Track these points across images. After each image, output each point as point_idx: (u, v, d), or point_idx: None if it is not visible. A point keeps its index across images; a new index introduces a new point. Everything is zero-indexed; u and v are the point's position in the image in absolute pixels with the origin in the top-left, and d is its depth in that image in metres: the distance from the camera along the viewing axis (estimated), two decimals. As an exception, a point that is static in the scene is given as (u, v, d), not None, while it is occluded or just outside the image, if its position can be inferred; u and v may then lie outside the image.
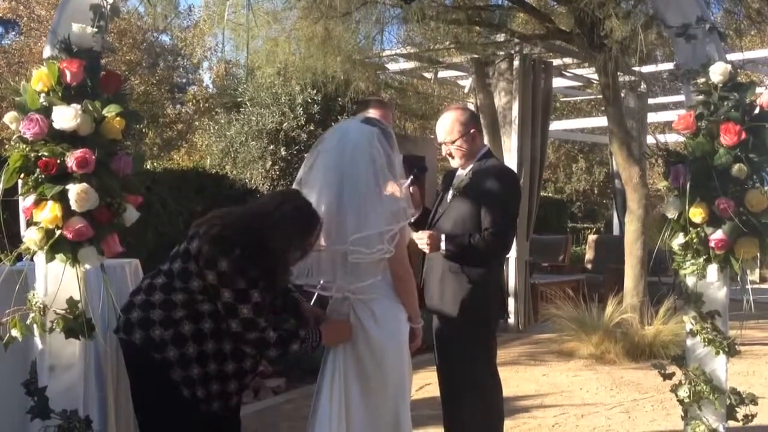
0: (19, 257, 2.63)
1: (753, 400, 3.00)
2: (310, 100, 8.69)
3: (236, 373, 2.64)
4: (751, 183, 2.87)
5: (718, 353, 2.96)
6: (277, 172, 8.76)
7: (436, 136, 3.59)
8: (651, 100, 10.91)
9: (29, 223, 2.59)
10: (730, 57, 3.18)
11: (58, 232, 2.53)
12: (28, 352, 2.83)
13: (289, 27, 7.88)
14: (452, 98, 13.14)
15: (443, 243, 3.37)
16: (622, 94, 9.16)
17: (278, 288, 2.74)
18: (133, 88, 14.90)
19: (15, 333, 2.60)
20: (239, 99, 9.43)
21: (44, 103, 2.59)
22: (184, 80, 21.38)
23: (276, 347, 2.61)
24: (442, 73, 10.18)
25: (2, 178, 2.52)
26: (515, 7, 8.07)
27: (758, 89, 2.88)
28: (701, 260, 2.92)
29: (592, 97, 13.24)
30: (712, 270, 2.95)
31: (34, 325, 2.65)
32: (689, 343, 3.05)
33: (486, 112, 8.56)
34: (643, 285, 7.46)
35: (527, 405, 5.26)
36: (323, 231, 2.75)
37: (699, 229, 2.89)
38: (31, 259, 2.67)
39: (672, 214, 2.94)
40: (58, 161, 2.52)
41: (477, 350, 3.42)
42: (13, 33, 19.44)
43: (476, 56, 8.68)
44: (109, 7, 2.76)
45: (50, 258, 2.59)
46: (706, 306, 2.97)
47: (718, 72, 2.88)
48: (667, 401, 5.05)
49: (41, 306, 2.65)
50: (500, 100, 8.59)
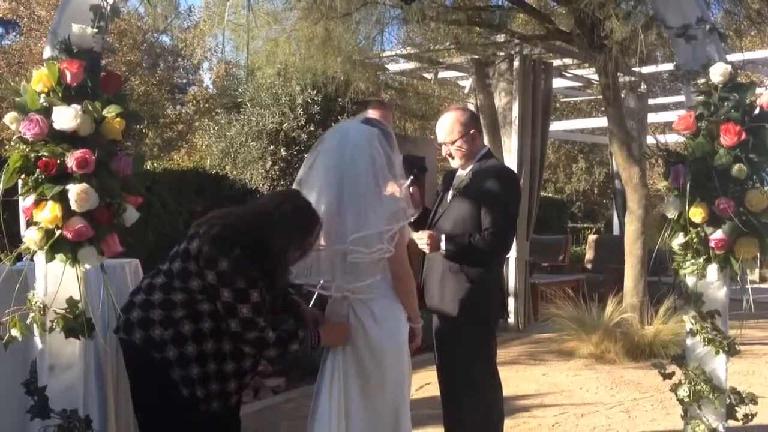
0: (19, 257, 2.63)
1: (753, 399, 3.01)
2: (310, 101, 8.68)
3: (235, 373, 2.65)
4: (751, 183, 2.87)
5: (717, 353, 2.96)
6: (277, 173, 8.75)
7: (436, 136, 3.59)
8: (651, 101, 10.91)
9: (29, 223, 2.59)
10: (730, 57, 3.18)
11: (58, 232, 2.54)
12: (28, 352, 2.83)
13: (289, 27, 7.87)
14: (452, 99, 13.16)
15: (443, 243, 3.37)
16: (623, 95, 9.16)
17: (278, 288, 2.74)
18: (133, 89, 14.87)
19: (15, 333, 2.61)
20: (239, 99, 9.42)
21: (44, 104, 2.59)
22: (184, 81, 21.37)
23: (275, 347, 2.62)
24: (443, 74, 10.18)
25: (2, 178, 2.52)
26: (515, 7, 8.06)
27: (758, 90, 2.88)
28: (701, 260, 2.93)
29: (592, 98, 13.24)
30: (712, 270, 2.95)
31: (34, 325, 2.65)
32: (689, 342, 3.05)
33: (486, 113, 8.56)
34: (643, 285, 7.46)
35: (527, 405, 5.26)
36: (323, 231, 2.76)
37: (699, 229, 2.89)
38: (31, 259, 2.67)
39: (672, 214, 2.94)
40: (58, 161, 2.52)
41: (477, 350, 3.42)
42: (13, 33, 19.43)
43: (476, 57, 8.68)
44: (109, 7, 2.76)
45: (50, 258, 2.59)
46: (706, 306, 2.97)
47: (718, 72, 2.88)
48: (667, 401, 5.05)
49: (41, 306, 2.65)
50: (500, 101, 8.59)
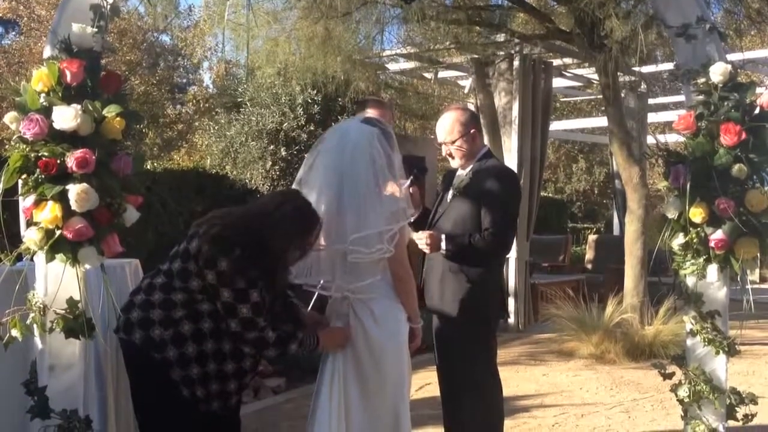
0: (19, 257, 2.63)
1: (753, 399, 3.01)
2: (310, 101, 8.68)
3: (235, 373, 2.65)
4: (751, 183, 2.87)
5: (718, 353, 2.96)
6: (277, 172, 8.75)
7: (436, 136, 3.59)
8: (651, 101, 10.90)
9: (29, 223, 2.59)
10: (730, 57, 3.18)
11: (58, 232, 2.54)
12: (28, 352, 2.83)
13: (289, 27, 7.87)
14: (452, 98, 13.13)
15: (443, 243, 3.37)
16: (622, 95, 9.15)
17: (278, 288, 2.74)
18: (133, 89, 14.88)
19: (15, 333, 2.61)
20: (239, 99, 9.41)
21: (44, 104, 2.59)
22: (184, 80, 21.38)
23: (275, 347, 2.62)
24: (442, 74, 10.17)
25: (2, 178, 2.52)
26: (515, 7, 8.06)
27: (758, 89, 2.88)
28: (701, 260, 2.93)
29: (592, 98, 13.24)
30: (712, 270, 2.95)
31: (34, 325, 2.65)
32: (689, 342, 3.05)
33: (486, 113, 8.55)
34: (643, 285, 7.46)
35: (527, 405, 5.25)
36: (323, 231, 2.76)
37: (699, 229, 2.89)
38: (31, 259, 2.67)
39: (672, 214, 2.94)
40: (58, 161, 2.52)
41: (477, 350, 3.42)
42: (13, 33, 19.43)
43: (476, 56, 8.67)
44: (109, 7, 2.76)
45: (50, 258, 2.59)
46: (706, 306, 2.97)
47: (718, 72, 2.88)
48: (667, 401, 5.05)
49: (41, 306, 2.65)
50: (500, 100, 8.58)
